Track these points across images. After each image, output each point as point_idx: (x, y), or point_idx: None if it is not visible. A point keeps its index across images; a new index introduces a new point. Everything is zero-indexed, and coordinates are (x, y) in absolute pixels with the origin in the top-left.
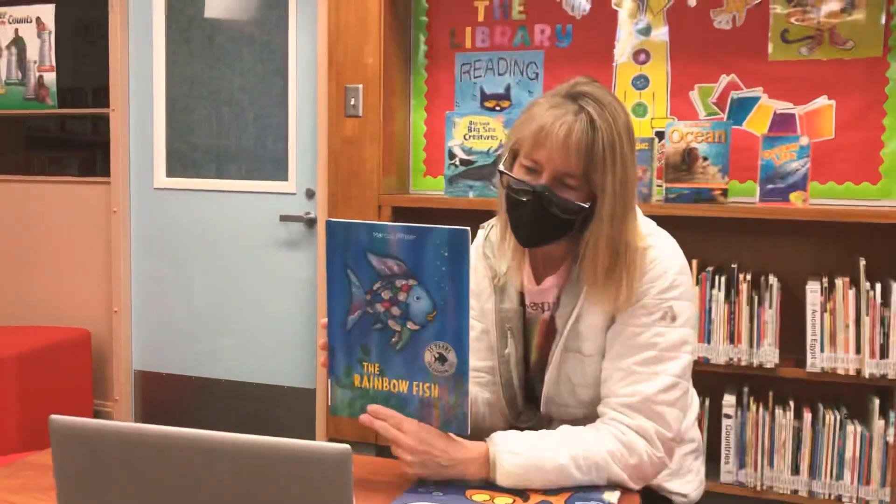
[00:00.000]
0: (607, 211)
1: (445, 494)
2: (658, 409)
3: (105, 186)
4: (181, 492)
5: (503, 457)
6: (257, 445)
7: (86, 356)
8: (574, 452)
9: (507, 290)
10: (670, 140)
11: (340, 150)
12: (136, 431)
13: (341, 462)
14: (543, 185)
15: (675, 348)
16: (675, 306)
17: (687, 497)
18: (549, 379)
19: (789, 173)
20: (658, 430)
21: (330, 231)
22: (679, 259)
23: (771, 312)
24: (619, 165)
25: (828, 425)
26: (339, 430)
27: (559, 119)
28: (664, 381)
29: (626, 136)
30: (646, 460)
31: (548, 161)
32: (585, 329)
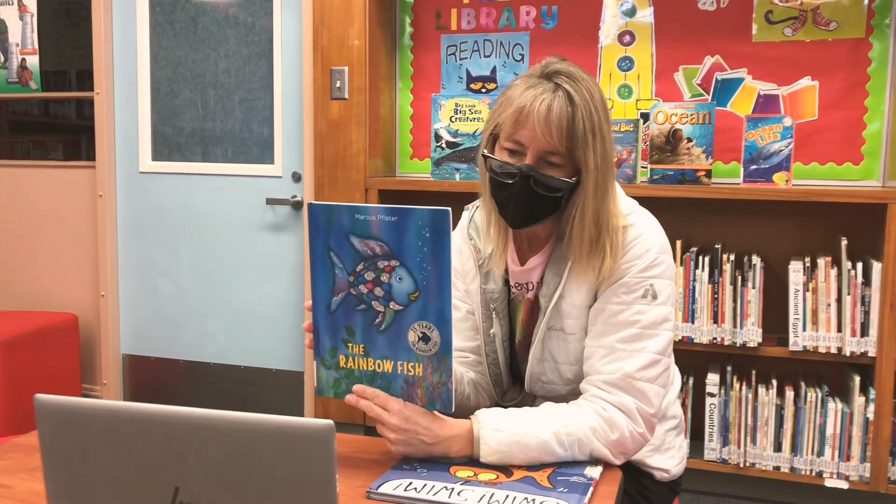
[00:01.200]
0: (591, 185)
1: (430, 471)
2: (639, 385)
3: (90, 170)
4: (166, 469)
5: (487, 433)
6: (241, 422)
7: (73, 340)
8: (556, 429)
9: (492, 271)
10: (655, 121)
11: (326, 133)
12: (121, 409)
13: (324, 437)
14: (528, 165)
15: (655, 326)
16: (656, 284)
17: (668, 472)
18: (532, 357)
19: (773, 154)
20: (639, 406)
21: (312, 214)
22: (660, 238)
23: (754, 292)
24: (598, 140)
25: (809, 403)
26: (327, 412)
27: (538, 98)
28: (645, 357)
29: (603, 111)
30: (627, 436)
31: (530, 140)
32: (568, 307)
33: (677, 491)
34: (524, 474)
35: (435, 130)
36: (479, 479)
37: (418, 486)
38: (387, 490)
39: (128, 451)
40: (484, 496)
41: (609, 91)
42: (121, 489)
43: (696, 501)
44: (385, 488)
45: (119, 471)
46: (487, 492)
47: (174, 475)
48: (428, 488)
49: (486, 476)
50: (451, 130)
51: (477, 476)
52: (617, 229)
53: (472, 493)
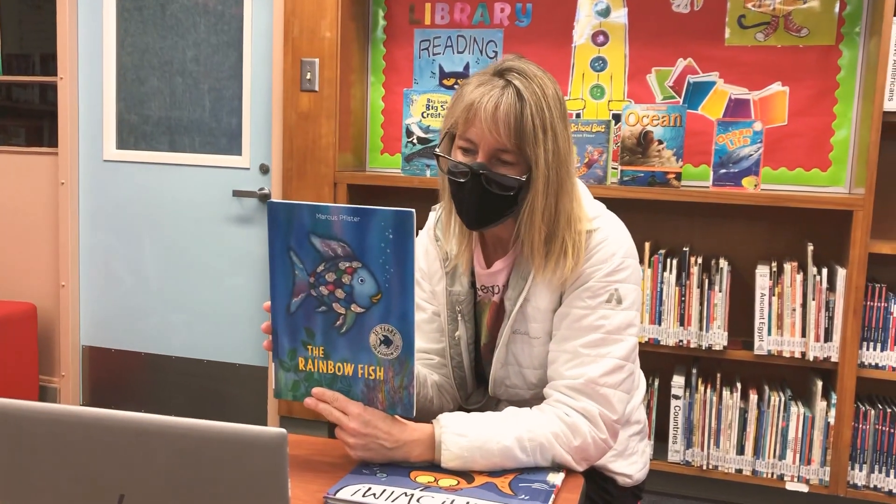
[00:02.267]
0: (541, 183)
1: (389, 476)
2: (602, 391)
3: (53, 157)
4: (112, 475)
5: (449, 438)
6: (190, 429)
7: (31, 331)
8: (519, 434)
9: (457, 274)
10: (626, 123)
11: (296, 125)
12: (66, 413)
13: (276, 446)
14: (480, 163)
15: (620, 331)
16: (621, 289)
17: (631, 478)
18: (496, 360)
19: (742, 158)
20: (602, 413)
21: (272, 213)
22: (626, 242)
23: (721, 296)
24: (550, 136)
25: (773, 406)
26: (291, 409)
27: (486, 94)
28: (609, 363)
29: (556, 107)
30: (589, 441)
31: (480, 138)
32: (533, 311)
33: (640, 496)
34: (485, 480)
35: (406, 126)
36: (440, 484)
37: (377, 492)
38: (344, 496)
39: (73, 456)
40: (444, 502)
41: (581, 91)
42: (66, 495)
43: (659, 503)
44: (343, 493)
45: (64, 476)
46: (448, 498)
47: (120, 482)
48: (387, 494)
49: (447, 482)
50: (423, 126)
51: (437, 482)
52: (581, 232)
53: (431, 500)
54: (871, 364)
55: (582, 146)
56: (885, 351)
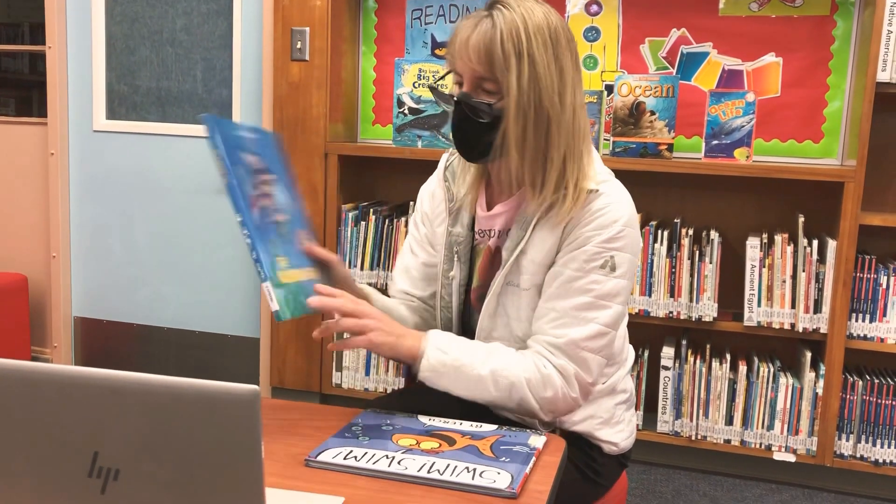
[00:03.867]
0: (513, 108)
1: (371, 439)
2: (582, 354)
3: (42, 128)
4: (85, 433)
5: (431, 351)
6: (162, 386)
7: (23, 302)
8: (495, 368)
9: (461, 215)
10: (619, 93)
11: (286, 96)
12: (36, 371)
13: (249, 403)
14: (462, 92)
15: (609, 297)
16: (617, 257)
17: (617, 446)
18: (485, 311)
19: (735, 129)
20: (578, 373)
21: (211, 127)
22: (629, 210)
23: (711, 267)
24: (525, 62)
25: (762, 377)
26: (283, 380)
27: (466, 27)
28: (593, 328)
29: (539, 36)
30: (560, 396)
31: (462, 68)
32: (528, 263)
33: (626, 464)
34: (467, 443)
35: (398, 96)
36: (421, 447)
37: (358, 455)
38: (326, 458)
39: (45, 414)
40: (425, 465)
41: None
42: (38, 454)
43: (648, 473)
44: (324, 456)
45: (35, 434)
46: (428, 461)
47: (93, 440)
48: (368, 457)
49: (429, 444)
50: (414, 97)
51: (419, 445)
52: (582, 189)
53: (412, 462)
54: (860, 335)
55: None
56: (873, 322)
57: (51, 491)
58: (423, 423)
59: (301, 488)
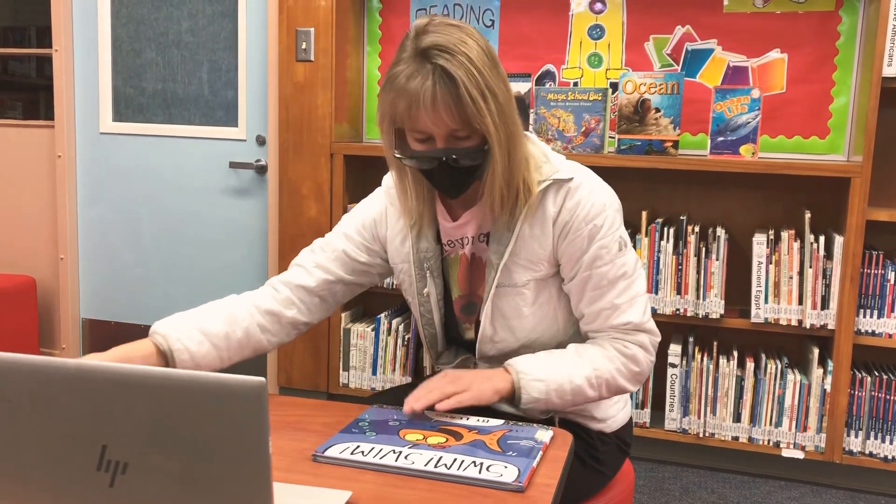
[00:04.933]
0: (496, 143)
1: (378, 434)
2: (647, 325)
3: (49, 130)
4: (93, 426)
5: (527, 384)
6: (169, 378)
7: (31, 303)
8: (587, 373)
9: (424, 231)
10: (623, 91)
11: (291, 96)
12: (45, 364)
13: (256, 395)
14: (443, 149)
15: (636, 268)
16: (622, 233)
17: (614, 419)
18: (484, 318)
19: (740, 126)
20: (652, 340)
21: None
22: (609, 191)
23: (718, 264)
24: (490, 99)
25: (769, 374)
26: (290, 379)
27: (420, 88)
28: (641, 303)
29: (486, 65)
30: (644, 367)
31: (432, 127)
32: (523, 262)
33: (627, 452)
34: (474, 437)
35: None
36: (428, 442)
37: (365, 450)
38: (333, 453)
39: (53, 407)
40: (432, 459)
41: (579, 59)
42: (47, 447)
43: (656, 470)
44: (332, 451)
45: (44, 428)
46: (435, 455)
47: (101, 433)
48: (375, 451)
49: (435, 439)
50: None
51: (426, 440)
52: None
53: (419, 457)
54: (868, 331)
55: (579, 115)
56: (881, 318)
57: (60, 484)
58: (430, 418)
59: (309, 483)
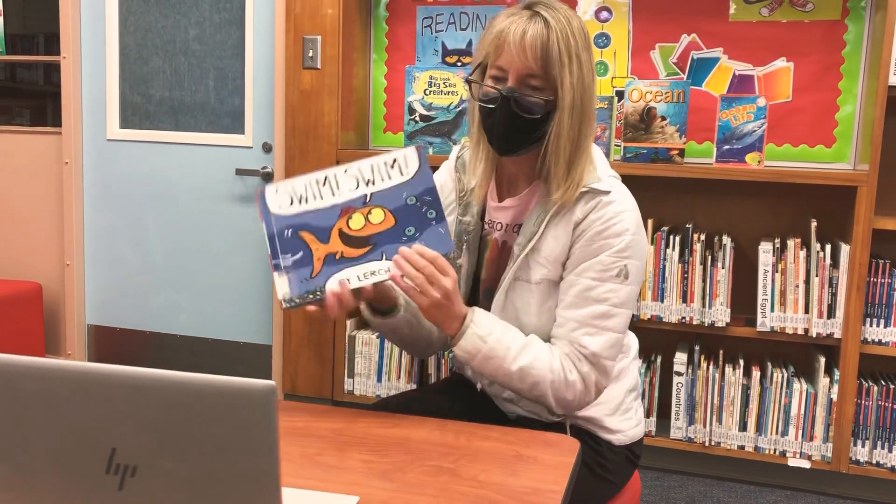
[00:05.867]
0: (568, 104)
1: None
2: (603, 363)
3: (57, 137)
4: (102, 429)
5: (470, 334)
6: (179, 381)
7: (37, 309)
8: (524, 365)
9: (471, 205)
10: (629, 99)
11: (298, 104)
12: (54, 367)
13: (265, 399)
14: (510, 87)
15: (623, 304)
16: (630, 265)
17: (625, 434)
18: (495, 306)
19: (746, 134)
20: (598, 380)
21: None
22: (637, 217)
23: (723, 272)
24: (574, 63)
25: (775, 383)
26: (295, 387)
27: (515, 23)
28: (611, 338)
29: (581, 38)
30: (577, 400)
31: (510, 64)
32: (540, 259)
33: (636, 463)
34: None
35: (409, 103)
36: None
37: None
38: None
39: (63, 410)
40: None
41: None
42: (55, 450)
43: (661, 479)
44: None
45: (53, 431)
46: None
47: (110, 436)
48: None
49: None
50: (425, 104)
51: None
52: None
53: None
54: (875, 340)
55: None
56: (888, 327)
57: (69, 487)
58: None
59: (316, 488)
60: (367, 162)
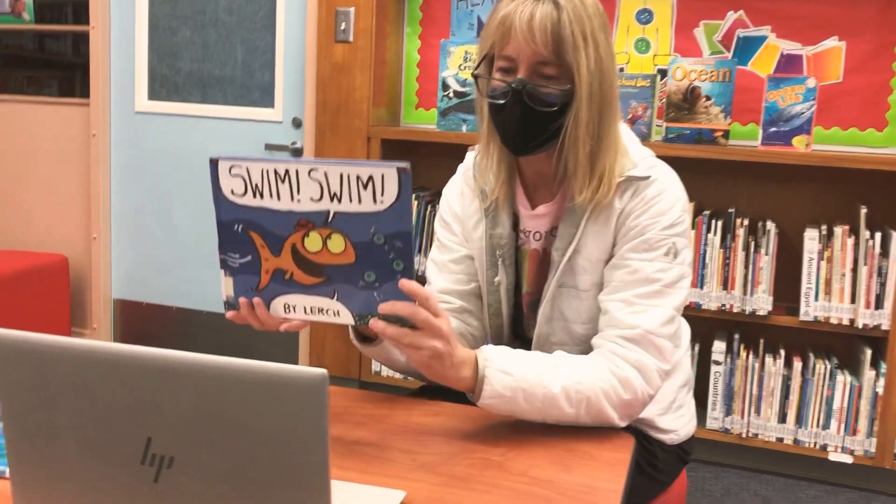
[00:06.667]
0: (585, 92)
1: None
2: (658, 342)
3: (84, 108)
4: (138, 417)
5: (493, 374)
6: (222, 367)
7: (63, 283)
8: (566, 383)
9: (499, 215)
10: (673, 77)
11: (329, 78)
12: (87, 348)
13: (317, 388)
14: (520, 79)
15: (674, 284)
16: (678, 243)
17: (678, 433)
18: (542, 316)
19: (793, 116)
20: (657, 365)
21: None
22: (683, 195)
23: (766, 259)
24: (590, 45)
25: (818, 374)
26: (321, 365)
27: (521, 6)
28: (665, 313)
29: (597, 18)
30: (639, 397)
31: (519, 52)
32: (584, 262)
33: (686, 460)
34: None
35: (442, 79)
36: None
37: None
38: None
39: (95, 395)
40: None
41: (626, 45)
42: (87, 438)
43: (696, 471)
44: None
45: (85, 417)
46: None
47: (146, 424)
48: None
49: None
50: (460, 79)
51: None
52: (619, 171)
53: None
54: None
55: (626, 102)
56: None
57: (101, 478)
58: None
59: (359, 480)
60: (337, 168)
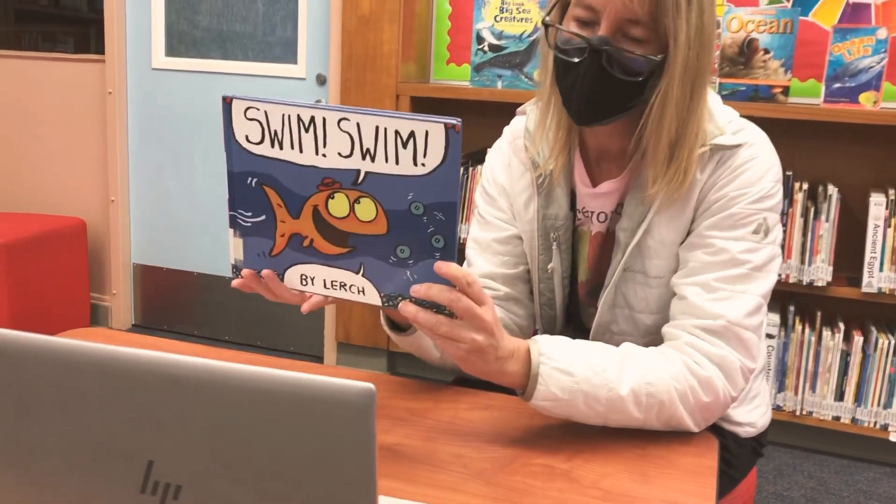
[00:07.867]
0: (680, 65)
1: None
2: (744, 335)
3: (100, 65)
4: (138, 436)
5: (549, 372)
6: (241, 378)
7: (81, 247)
8: (636, 384)
9: (553, 191)
10: (728, 29)
11: (355, 31)
12: (74, 348)
13: (363, 406)
14: (602, 37)
15: (763, 267)
16: (769, 219)
17: (755, 426)
18: (604, 303)
19: (861, 71)
20: (743, 363)
21: None
22: (776, 161)
23: (827, 226)
24: (694, 10)
25: (880, 350)
26: (348, 335)
27: None
28: (752, 302)
29: None
30: (720, 400)
31: (605, 4)
32: (655, 245)
33: (761, 453)
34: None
35: (477, 31)
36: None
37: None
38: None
39: (86, 406)
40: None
41: None
42: (77, 457)
43: None
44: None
45: (74, 433)
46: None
47: (148, 444)
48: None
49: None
50: (496, 32)
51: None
52: (700, 147)
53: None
54: None
55: None
56: None
57: None
58: None
59: (403, 492)
60: (372, 120)
